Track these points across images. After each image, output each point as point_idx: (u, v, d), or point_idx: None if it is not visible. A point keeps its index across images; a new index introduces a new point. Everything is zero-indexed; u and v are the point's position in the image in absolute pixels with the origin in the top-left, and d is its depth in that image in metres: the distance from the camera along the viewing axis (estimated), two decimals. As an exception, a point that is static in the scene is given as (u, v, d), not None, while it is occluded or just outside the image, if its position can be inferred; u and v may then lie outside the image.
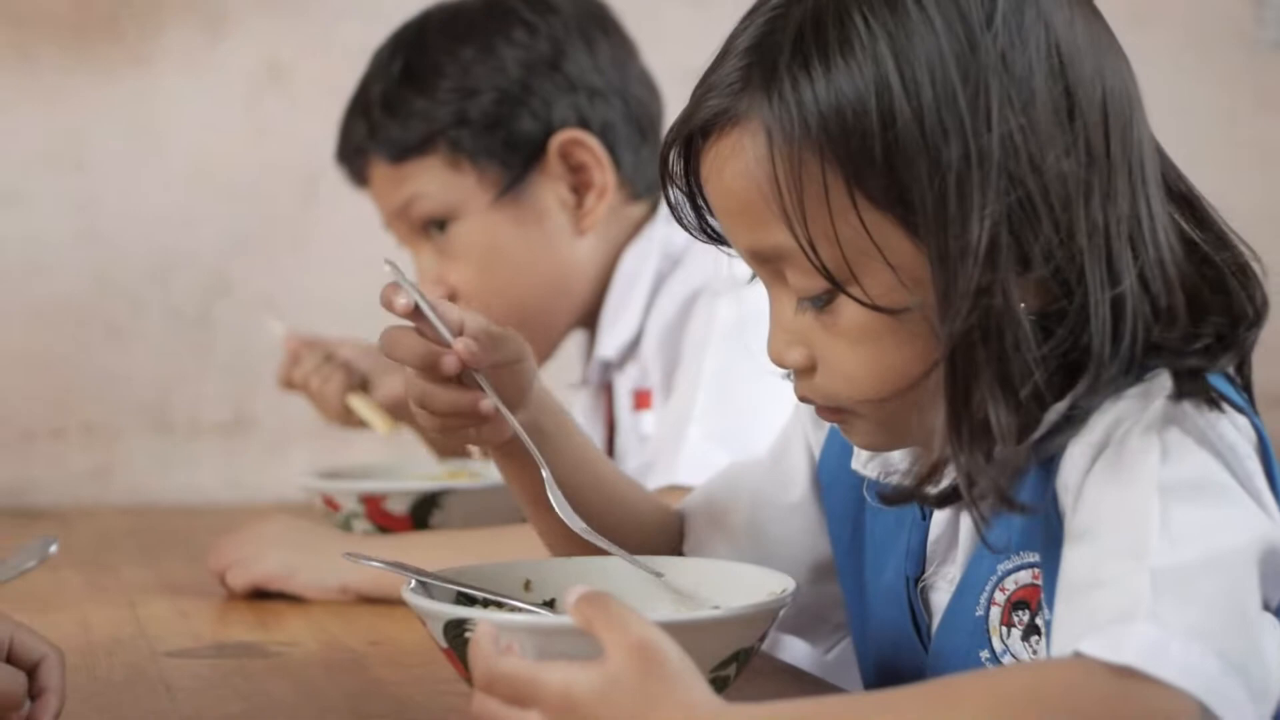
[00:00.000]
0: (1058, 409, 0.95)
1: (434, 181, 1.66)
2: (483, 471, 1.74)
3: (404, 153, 1.66)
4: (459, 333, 1.10)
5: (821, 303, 1.00)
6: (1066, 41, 0.98)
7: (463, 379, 1.11)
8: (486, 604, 1.08)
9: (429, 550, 1.34)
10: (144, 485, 2.26)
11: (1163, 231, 0.99)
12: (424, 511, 1.59)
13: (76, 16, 2.25)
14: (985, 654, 1.03)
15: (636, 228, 1.69)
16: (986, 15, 0.97)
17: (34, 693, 1.02)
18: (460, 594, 1.08)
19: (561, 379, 1.72)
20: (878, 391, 1.00)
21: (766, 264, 1.02)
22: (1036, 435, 0.95)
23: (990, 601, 1.03)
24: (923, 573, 1.09)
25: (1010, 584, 1.02)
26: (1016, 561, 1.02)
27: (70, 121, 2.25)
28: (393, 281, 1.11)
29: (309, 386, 1.85)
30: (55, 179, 2.25)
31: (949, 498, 1.01)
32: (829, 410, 1.04)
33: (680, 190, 1.05)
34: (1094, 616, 0.86)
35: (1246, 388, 1.01)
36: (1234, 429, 0.94)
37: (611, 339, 1.68)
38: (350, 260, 2.18)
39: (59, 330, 2.25)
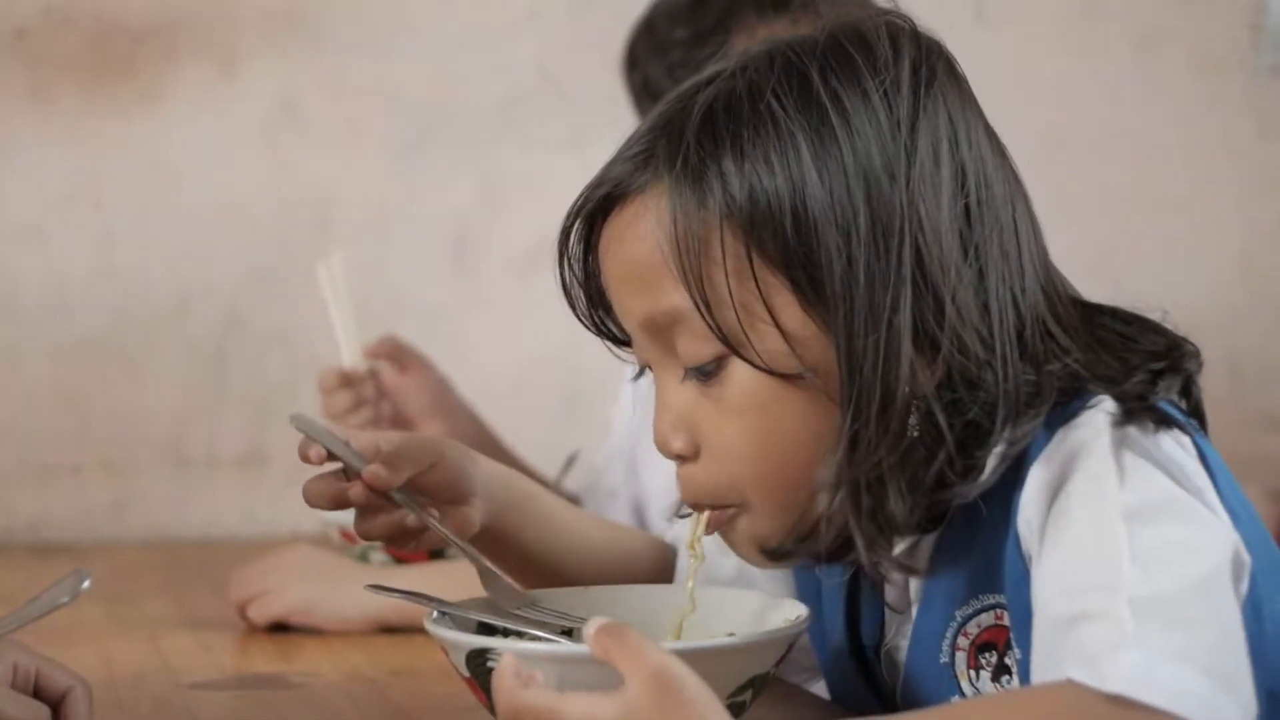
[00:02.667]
0: (997, 453, 0.98)
1: None
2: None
3: None
4: (374, 459, 1.11)
5: (709, 370, 1.01)
6: (975, 141, 1.02)
7: (393, 498, 1.11)
8: (507, 633, 1.10)
9: (447, 580, 1.35)
10: (161, 519, 2.28)
11: (1054, 306, 1.02)
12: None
13: (92, 56, 2.27)
14: (956, 699, 1.04)
15: None
16: (907, 110, 1.00)
17: (61, 726, 1.04)
18: (481, 623, 1.10)
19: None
20: (762, 466, 1.02)
21: (658, 335, 1.03)
22: (983, 480, 0.98)
23: (954, 648, 1.04)
24: (883, 638, 1.10)
25: (973, 628, 1.03)
26: (976, 605, 1.03)
27: (87, 160, 2.27)
28: (303, 436, 1.11)
29: (336, 423, 1.86)
30: (73, 217, 2.27)
31: (836, 555, 1.02)
32: (717, 509, 1.04)
33: (576, 273, 1.07)
34: (1081, 650, 0.87)
35: (1197, 413, 1.03)
36: (1178, 446, 0.97)
37: None
38: (363, 294, 2.21)
39: (77, 366, 2.27)
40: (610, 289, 1.05)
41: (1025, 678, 0.97)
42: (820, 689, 1.22)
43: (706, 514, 1.05)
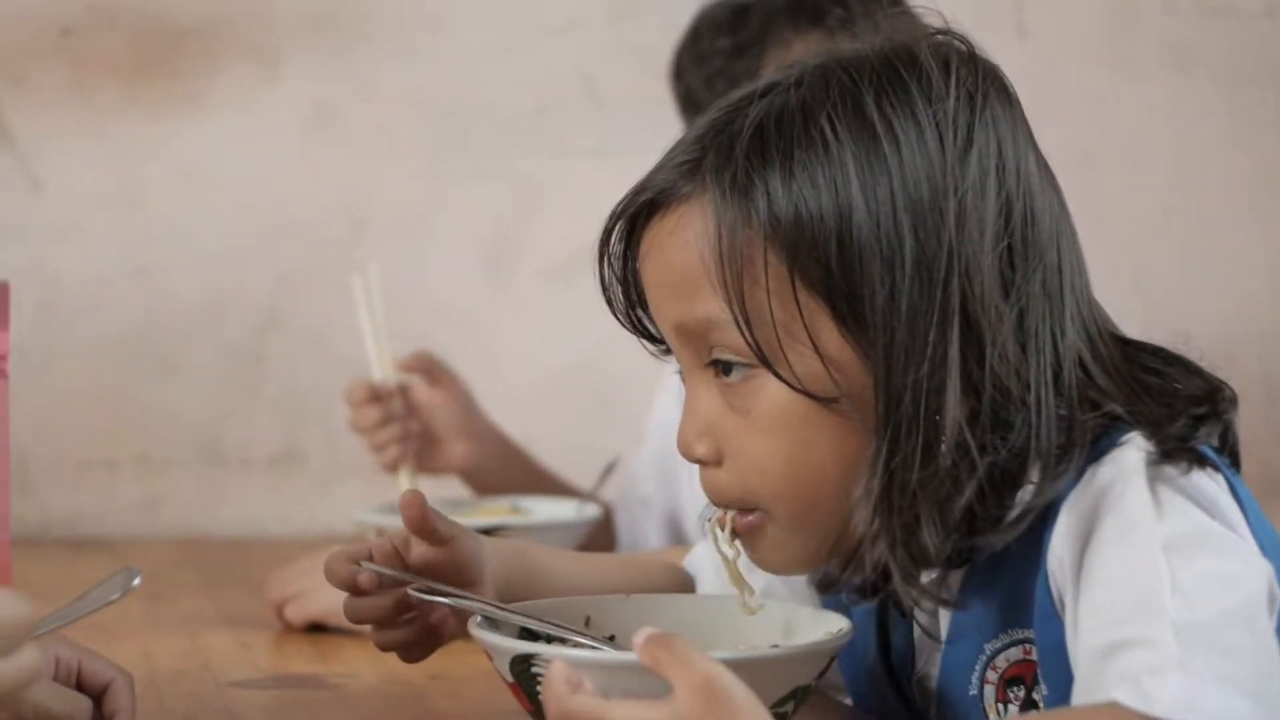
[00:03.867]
0: (1025, 502, 0.97)
1: None
2: (532, 508, 1.77)
3: None
4: (393, 548, 1.14)
5: (740, 373, 1.01)
6: (1024, 174, 1.01)
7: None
8: (550, 639, 1.11)
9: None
10: (194, 517, 2.29)
11: (1098, 345, 1.01)
12: (476, 547, 1.61)
13: (132, 57, 2.29)
14: None
15: None
16: (959, 142, 0.99)
17: (104, 716, 1.05)
18: (524, 629, 1.11)
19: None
20: (783, 485, 1.01)
21: (691, 341, 1.03)
22: (1011, 518, 0.97)
23: (983, 681, 1.04)
24: (914, 668, 1.10)
25: (1002, 662, 1.04)
26: (1005, 640, 1.03)
27: (125, 160, 2.28)
28: (331, 568, 1.15)
29: (364, 436, 1.86)
30: (110, 216, 2.28)
31: (874, 588, 1.03)
32: (743, 512, 1.04)
33: (615, 272, 1.07)
34: (1125, 673, 0.88)
35: (1233, 454, 1.03)
36: (1211, 482, 0.97)
37: None
38: (397, 300, 2.22)
39: (113, 364, 2.28)
40: (649, 289, 1.05)
41: None
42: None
43: (729, 524, 1.05)
